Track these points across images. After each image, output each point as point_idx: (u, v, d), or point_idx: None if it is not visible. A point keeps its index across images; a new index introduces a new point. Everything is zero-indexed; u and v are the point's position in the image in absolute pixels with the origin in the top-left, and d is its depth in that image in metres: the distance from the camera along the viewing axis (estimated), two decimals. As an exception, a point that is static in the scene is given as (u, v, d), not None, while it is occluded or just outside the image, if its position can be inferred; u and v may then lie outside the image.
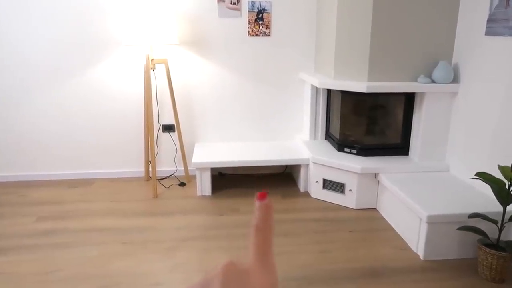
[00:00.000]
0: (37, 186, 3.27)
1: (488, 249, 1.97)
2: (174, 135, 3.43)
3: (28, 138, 3.31)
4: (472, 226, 2.07)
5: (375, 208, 2.85)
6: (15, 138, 3.30)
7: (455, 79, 2.70)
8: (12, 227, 2.59)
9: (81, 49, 3.16)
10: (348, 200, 2.86)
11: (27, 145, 3.32)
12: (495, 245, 2.02)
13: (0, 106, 3.22)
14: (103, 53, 3.18)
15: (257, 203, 0.36)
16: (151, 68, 3.05)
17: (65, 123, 3.31)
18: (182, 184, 3.28)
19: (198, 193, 3.08)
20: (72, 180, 3.39)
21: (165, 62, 3.06)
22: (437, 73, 2.65)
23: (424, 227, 2.20)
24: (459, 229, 2.09)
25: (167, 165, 3.49)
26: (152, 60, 3.01)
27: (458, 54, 2.67)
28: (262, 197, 0.36)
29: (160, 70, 3.27)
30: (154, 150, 3.08)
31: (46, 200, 3.00)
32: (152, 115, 3.04)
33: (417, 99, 2.80)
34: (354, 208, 2.84)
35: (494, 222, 1.97)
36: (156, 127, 3.38)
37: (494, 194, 1.95)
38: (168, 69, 3.06)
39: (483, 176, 1.95)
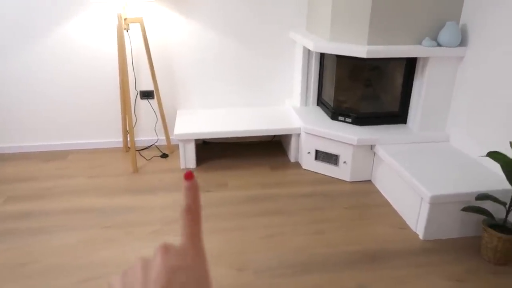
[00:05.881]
0: (4, 160, 2.99)
1: (494, 232, 1.86)
2: (154, 102, 3.14)
3: (-9, 107, 2.97)
4: (477, 207, 1.95)
5: (370, 181, 2.72)
6: (-25, 108, 2.96)
7: (463, 42, 2.47)
8: (-21, 211, 2.36)
9: (45, 6, 2.75)
10: (342, 172, 2.71)
11: (-10, 116, 3.00)
12: (501, 226, 1.92)
13: (-46, 73, 2.85)
14: (69, 12, 2.79)
15: (184, 183, 0.36)
16: (125, 29, 2.70)
17: (32, 89, 2.97)
18: (164, 156, 3.06)
19: (182, 166, 2.88)
20: (45, 153, 3.12)
21: (140, 21, 2.71)
22: (443, 35, 2.41)
23: (425, 207, 2.07)
24: (464, 209, 1.97)
25: (147, 134, 3.24)
26: (125, 19, 2.65)
27: (467, 14, 2.42)
28: (188, 177, 0.36)
29: (135, 30, 2.91)
30: (131, 119, 2.81)
31: (16, 176, 2.75)
32: (128, 81, 2.73)
33: (419, 64, 2.58)
34: (348, 180, 2.70)
35: (503, 204, 1.85)
36: (133, 93, 3.09)
37: (505, 174, 1.81)
38: (144, 29, 2.72)
39: (494, 156, 1.80)
